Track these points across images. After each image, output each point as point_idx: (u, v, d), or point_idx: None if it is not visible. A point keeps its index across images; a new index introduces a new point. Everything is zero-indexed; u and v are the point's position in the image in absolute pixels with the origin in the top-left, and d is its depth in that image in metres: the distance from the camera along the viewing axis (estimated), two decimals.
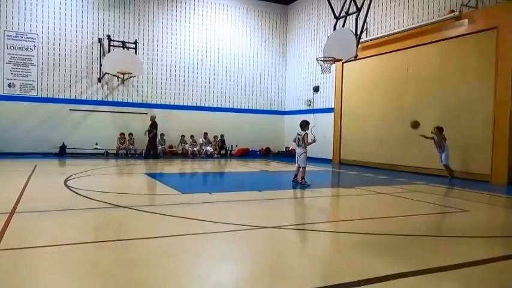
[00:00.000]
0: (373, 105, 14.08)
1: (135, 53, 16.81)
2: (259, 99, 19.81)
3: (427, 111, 11.89)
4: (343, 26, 12.55)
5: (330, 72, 13.71)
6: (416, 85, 12.44)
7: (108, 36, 16.48)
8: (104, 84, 16.77)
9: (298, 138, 8.68)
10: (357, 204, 7.11)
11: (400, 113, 12.82)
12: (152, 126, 15.93)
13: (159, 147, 16.77)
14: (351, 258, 3.74)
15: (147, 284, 2.97)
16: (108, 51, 16.35)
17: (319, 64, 13.17)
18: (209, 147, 17.74)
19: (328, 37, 13.59)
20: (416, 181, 10.06)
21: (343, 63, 14.75)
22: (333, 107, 16.19)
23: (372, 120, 14.07)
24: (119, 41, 16.64)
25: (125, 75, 16.27)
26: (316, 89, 17.81)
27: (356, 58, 12.37)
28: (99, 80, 16.58)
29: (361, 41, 12.61)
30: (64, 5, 15.99)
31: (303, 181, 8.46)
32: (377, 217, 5.87)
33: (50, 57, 15.82)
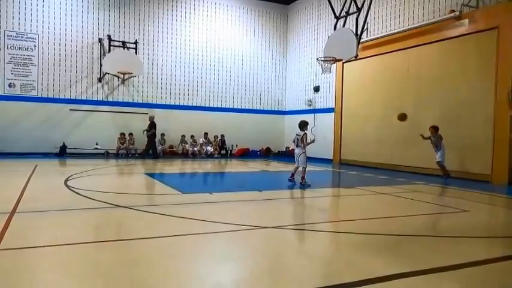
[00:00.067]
0: (373, 105, 14.07)
1: (136, 53, 16.81)
2: (259, 99, 19.81)
3: (427, 111, 11.89)
4: (344, 26, 12.55)
5: (330, 72, 13.70)
6: (417, 85, 12.43)
7: (109, 36, 16.49)
8: (104, 84, 16.77)
9: (297, 139, 8.68)
10: (357, 204, 7.11)
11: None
12: (151, 126, 15.93)
13: (160, 147, 16.78)
14: (351, 258, 3.74)
15: (148, 284, 2.97)
16: (109, 51, 16.36)
17: (319, 64, 13.17)
18: (209, 147, 17.74)
19: (328, 37, 13.59)
20: (416, 181, 10.06)
21: (344, 63, 14.73)
22: (333, 107, 16.20)
23: (372, 120, 14.07)
24: (119, 41, 16.65)
25: (125, 75, 16.27)
26: (316, 89, 17.80)
27: (356, 58, 12.35)
28: (100, 80, 16.59)
29: (361, 41, 12.59)
30: (64, 5, 16.00)
31: (303, 181, 8.44)
32: (377, 217, 5.87)
33: (50, 57, 15.83)
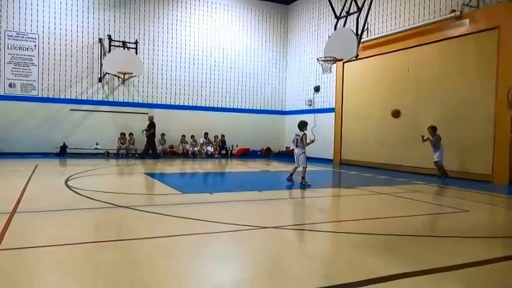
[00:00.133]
0: (373, 105, 14.06)
1: (136, 53, 16.81)
2: (259, 99, 19.80)
3: (428, 111, 11.89)
4: (344, 25, 12.53)
5: (330, 72, 13.68)
6: (417, 85, 12.42)
7: (109, 36, 16.49)
8: (105, 84, 16.77)
9: (297, 139, 8.68)
10: (357, 205, 7.11)
11: (401, 112, 12.76)
12: (150, 126, 15.92)
13: (160, 147, 16.78)
14: (352, 258, 3.74)
15: (148, 284, 2.96)
16: (109, 51, 16.36)
17: (320, 64, 13.15)
18: (210, 147, 17.74)
19: (328, 37, 13.58)
20: (417, 181, 10.05)
21: (344, 63, 14.72)
22: (333, 107, 16.19)
23: (373, 120, 14.06)
24: (119, 41, 16.64)
25: (126, 75, 16.27)
26: (316, 89, 17.79)
27: (357, 58, 12.34)
28: (100, 80, 16.59)
29: (361, 40, 12.58)
30: (65, 5, 16.00)
31: (303, 181, 8.44)
32: (377, 217, 5.86)
33: (50, 57, 15.83)
